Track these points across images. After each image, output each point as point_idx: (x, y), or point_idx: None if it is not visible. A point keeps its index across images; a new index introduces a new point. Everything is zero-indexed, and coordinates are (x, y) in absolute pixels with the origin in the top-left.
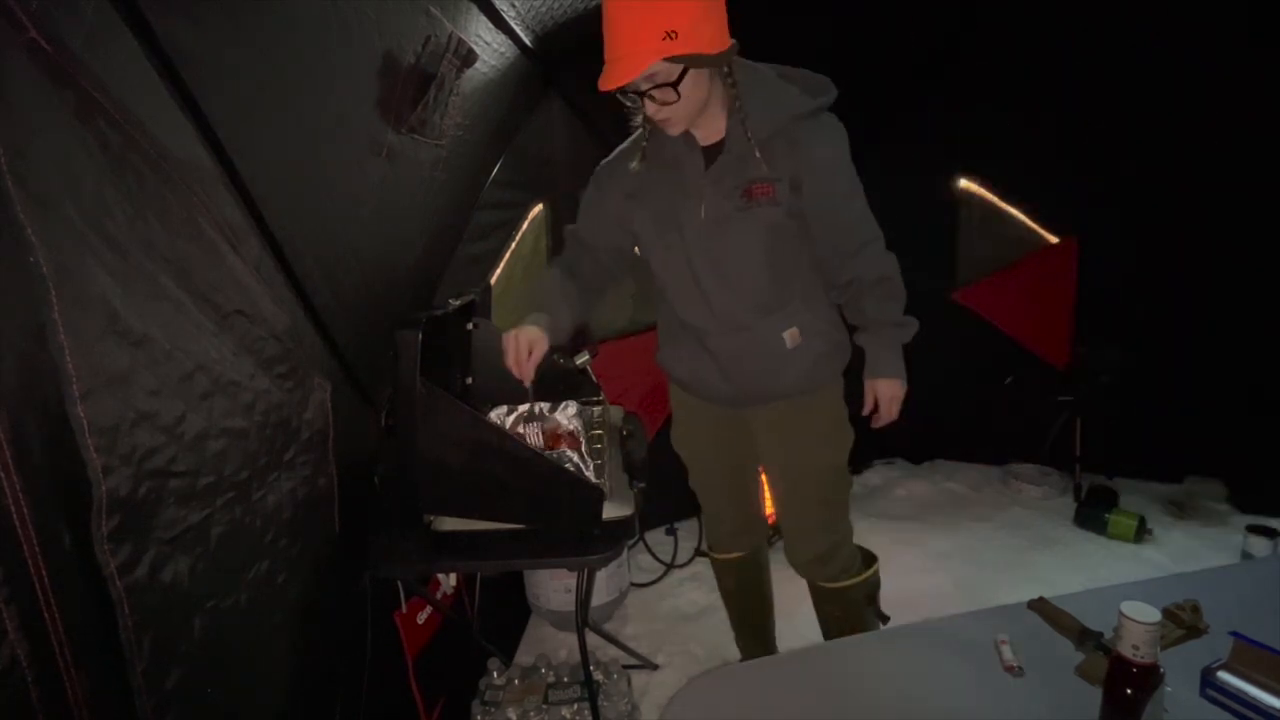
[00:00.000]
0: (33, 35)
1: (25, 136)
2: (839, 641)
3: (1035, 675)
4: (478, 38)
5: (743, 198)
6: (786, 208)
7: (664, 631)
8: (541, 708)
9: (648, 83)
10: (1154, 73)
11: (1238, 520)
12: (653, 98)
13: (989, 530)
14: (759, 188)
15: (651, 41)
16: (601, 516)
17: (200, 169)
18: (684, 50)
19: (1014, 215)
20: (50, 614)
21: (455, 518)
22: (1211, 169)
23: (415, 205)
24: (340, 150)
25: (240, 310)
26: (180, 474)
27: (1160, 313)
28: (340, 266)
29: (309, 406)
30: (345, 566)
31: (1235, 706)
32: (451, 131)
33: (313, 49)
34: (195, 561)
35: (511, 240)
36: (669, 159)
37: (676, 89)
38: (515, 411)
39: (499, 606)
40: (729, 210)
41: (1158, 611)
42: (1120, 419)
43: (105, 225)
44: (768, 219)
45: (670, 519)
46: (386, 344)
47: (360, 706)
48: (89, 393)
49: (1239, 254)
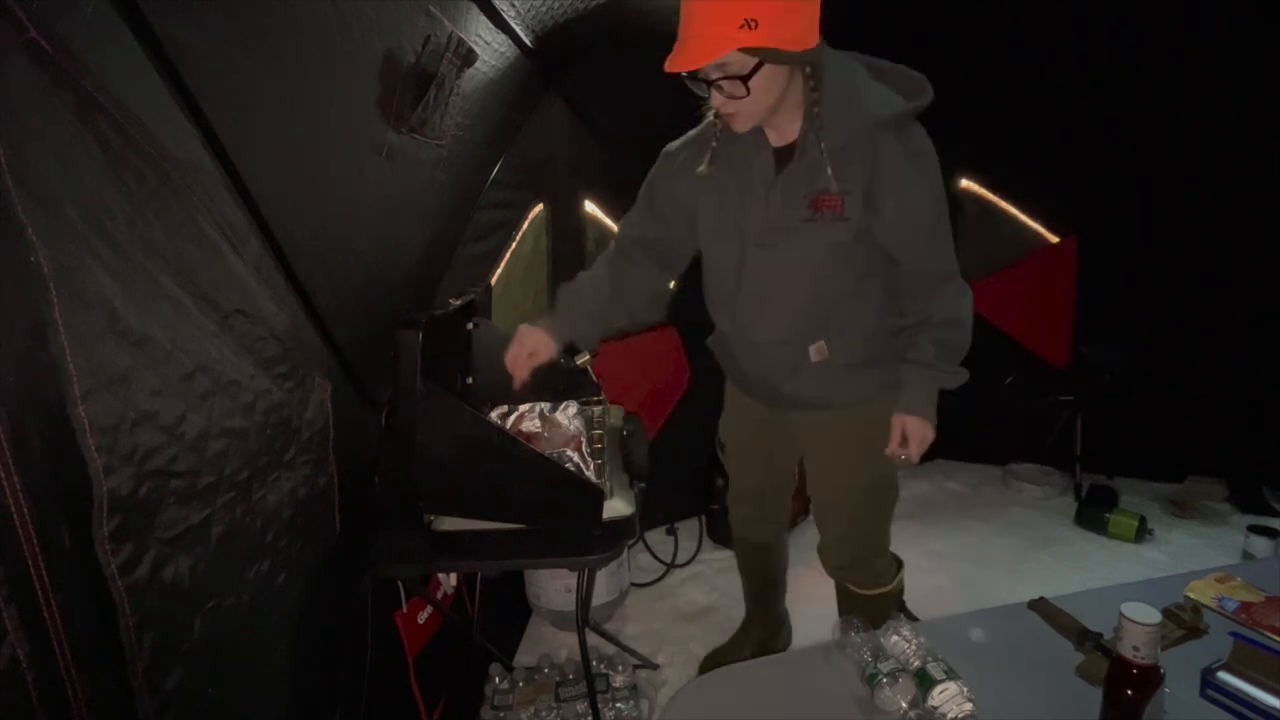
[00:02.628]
0: (33, 35)
1: (25, 136)
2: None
3: (1035, 675)
4: (478, 38)
5: (810, 208)
6: (855, 226)
7: (664, 631)
8: (553, 706)
9: (718, 71)
10: (1154, 73)
11: (1238, 520)
12: (720, 88)
13: (989, 530)
14: (827, 199)
15: (728, 28)
16: (601, 516)
17: (200, 169)
18: (762, 42)
19: (1014, 215)
20: (50, 614)
21: (455, 518)
22: (1212, 169)
23: (415, 205)
24: (340, 150)
25: (240, 310)
26: (181, 474)
27: (1161, 312)
28: (340, 266)
29: (309, 406)
30: (345, 566)
31: (1235, 706)
32: (451, 131)
33: (313, 49)
34: (196, 561)
35: (511, 240)
36: (738, 155)
37: (747, 83)
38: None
39: (499, 606)
40: (793, 221)
41: (1158, 612)
42: (1120, 419)
43: (105, 225)
44: (832, 236)
45: (670, 519)
46: (386, 344)
47: (361, 706)
48: (90, 393)
49: (1239, 254)
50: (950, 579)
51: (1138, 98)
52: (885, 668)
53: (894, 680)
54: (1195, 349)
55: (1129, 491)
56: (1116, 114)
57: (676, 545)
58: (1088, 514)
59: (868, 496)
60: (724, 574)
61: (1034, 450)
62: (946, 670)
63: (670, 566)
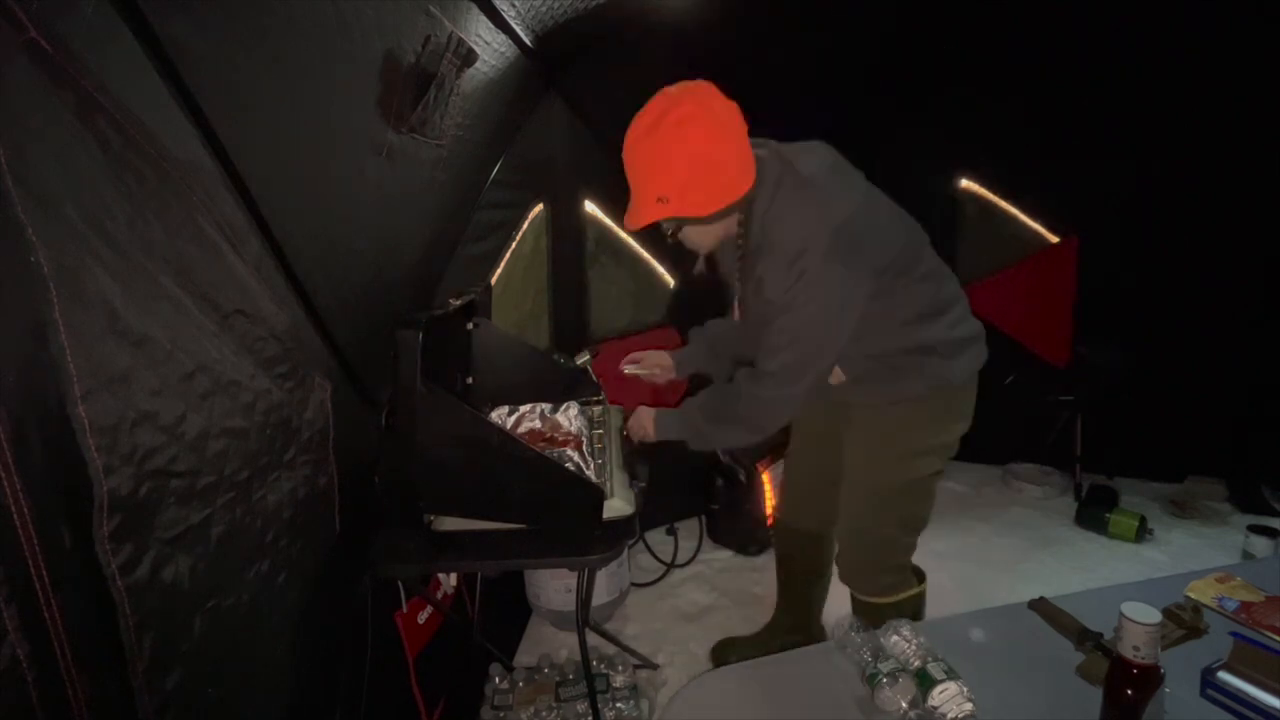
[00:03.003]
0: (33, 35)
1: (25, 136)
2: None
3: (1035, 675)
4: (478, 38)
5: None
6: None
7: (664, 631)
8: (553, 706)
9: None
10: (1154, 72)
11: (1238, 520)
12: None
13: (989, 530)
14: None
15: (648, 203)
16: (601, 516)
17: (200, 169)
18: (673, 214)
19: (1014, 215)
20: (51, 614)
21: (455, 518)
22: (1212, 168)
23: (415, 205)
24: (340, 150)
25: (240, 310)
26: (181, 474)
27: (1160, 312)
28: (340, 266)
29: (309, 406)
30: (345, 566)
31: (1235, 706)
32: (451, 131)
33: (313, 49)
34: (196, 561)
35: (511, 240)
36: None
37: (677, 237)
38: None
39: (499, 606)
40: (758, 305)
41: (1158, 612)
42: (1120, 419)
43: (105, 225)
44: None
45: (670, 519)
46: (386, 344)
47: (361, 706)
48: (90, 393)
49: (1239, 253)
50: (950, 579)
51: (1137, 97)
52: (885, 668)
53: (894, 680)
54: (1195, 349)
55: (1129, 491)
56: (1116, 114)
57: (676, 545)
58: (1088, 514)
59: (874, 495)
60: (724, 574)
61: (1034, 450)
62: (946, 670)
63: (670, 566)
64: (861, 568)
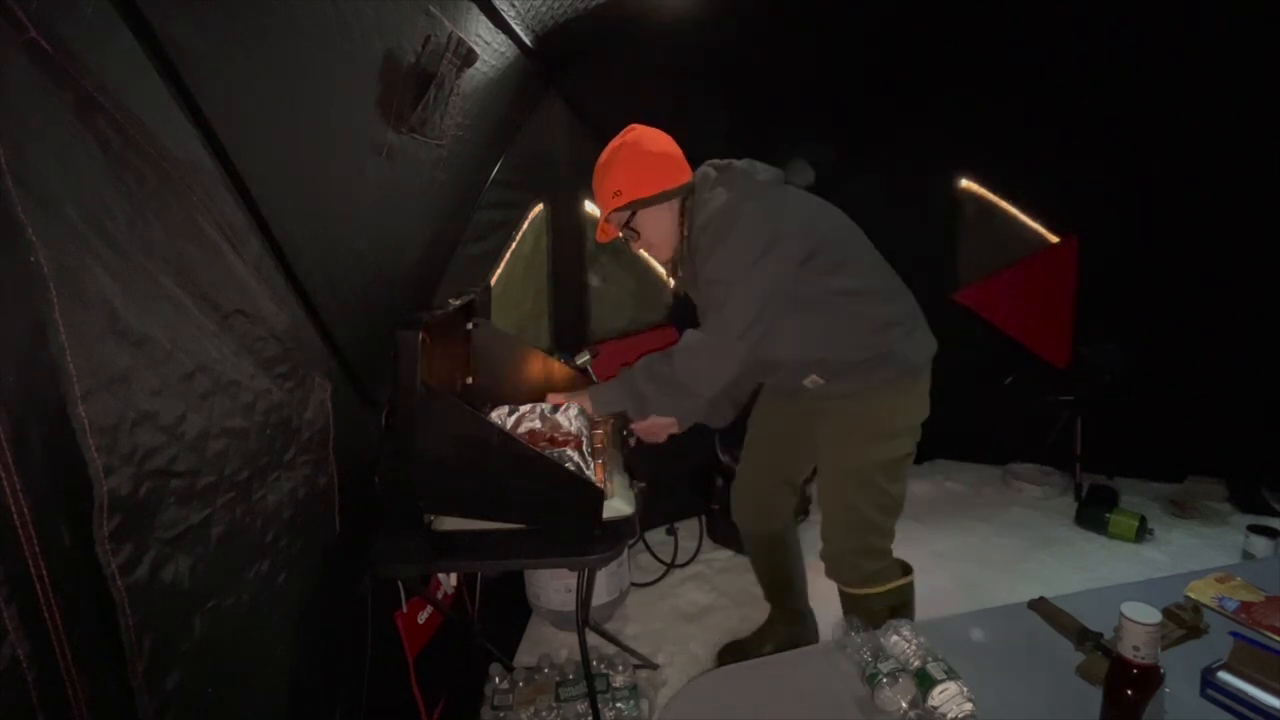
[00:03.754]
0: (33, 35)
1: (25, 136)
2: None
3: (1035, 675)
4: (478, 38)
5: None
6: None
7: (664, 631)
8: (553, 706)
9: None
10: (1154, 73)
11: (1238, 520)
12: (629, 239)
13: (989, 530)
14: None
15: (606, 200)
16: (601, 516)
17: (200, 169)
18: (627, 199)
19: (1014, 215)
20: (51, 614)
21: (455, 518)
22: (1211, 168)
23: (415, 205)
24: (340, 150)
25: (240, 310)
26: (181, 474)
27: (1161, 312)
28: (340, 266)
29: (309, 406)
30: (345, 566)
31: (1235, 706)
32: (451, 131)
33: (313, 49)
34: (196, 561)
35: (511, 240)
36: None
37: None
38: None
39: (499, 606)
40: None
41: (1158, 612)
42: (1120, 419)
43: (105, 225)
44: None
45: (670, 519)
46: (386, 344)
47: (361, 706)
48: (90, 393)
49: (1239, 253)
50: (950, 579)
51: (1137, 98)
52: (885, 668)
53: (894, 680)
54: (1195, 349)
55: (1129, 491)
56: (1116, 114)
57: (676, 545)
58: (1088, 514)
59: (855, 484)
60: (724, 574)
61: (1034, 450)
62: (946, 670)
63: (670, 566)
64: (845, 554)
